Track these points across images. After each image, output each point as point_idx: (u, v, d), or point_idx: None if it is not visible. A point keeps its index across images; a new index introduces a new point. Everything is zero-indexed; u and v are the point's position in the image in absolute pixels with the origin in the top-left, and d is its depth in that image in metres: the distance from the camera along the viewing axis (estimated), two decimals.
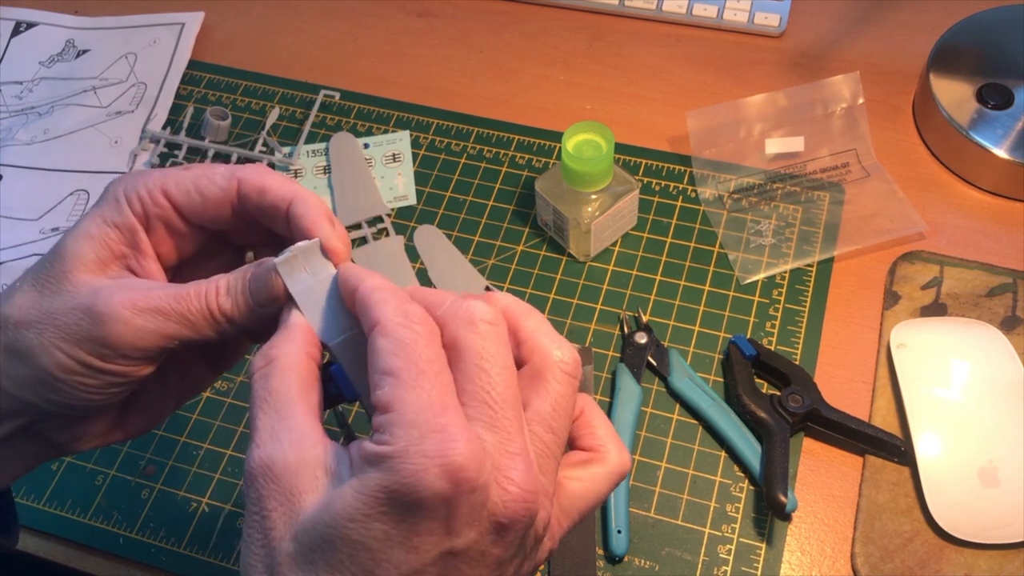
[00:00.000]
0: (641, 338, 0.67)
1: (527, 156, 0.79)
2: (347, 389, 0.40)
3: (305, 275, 0.41)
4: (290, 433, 0.36)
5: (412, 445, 0.33)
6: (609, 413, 0.64)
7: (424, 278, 0.73)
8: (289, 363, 0.38)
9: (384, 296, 0.37)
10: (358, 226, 0.76)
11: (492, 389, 0.36)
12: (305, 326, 0.40)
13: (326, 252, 0.41)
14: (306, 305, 0.40)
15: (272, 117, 0.82)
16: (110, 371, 0.41)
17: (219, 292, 0.41)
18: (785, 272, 0.71)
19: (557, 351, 0.39)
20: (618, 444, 0.41)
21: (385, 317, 0.36)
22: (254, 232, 0.45)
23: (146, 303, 0.40)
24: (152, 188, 0.42)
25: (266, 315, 0.41)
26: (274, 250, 0.42)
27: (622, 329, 0.69)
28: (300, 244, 0.40)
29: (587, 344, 0.69)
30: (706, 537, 0.60)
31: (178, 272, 0.47)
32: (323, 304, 0.41)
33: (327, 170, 0.80)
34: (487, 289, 0.72)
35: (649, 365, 0.67)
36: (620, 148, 0.78)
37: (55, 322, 0.40)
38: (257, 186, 0.42)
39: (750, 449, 0.62)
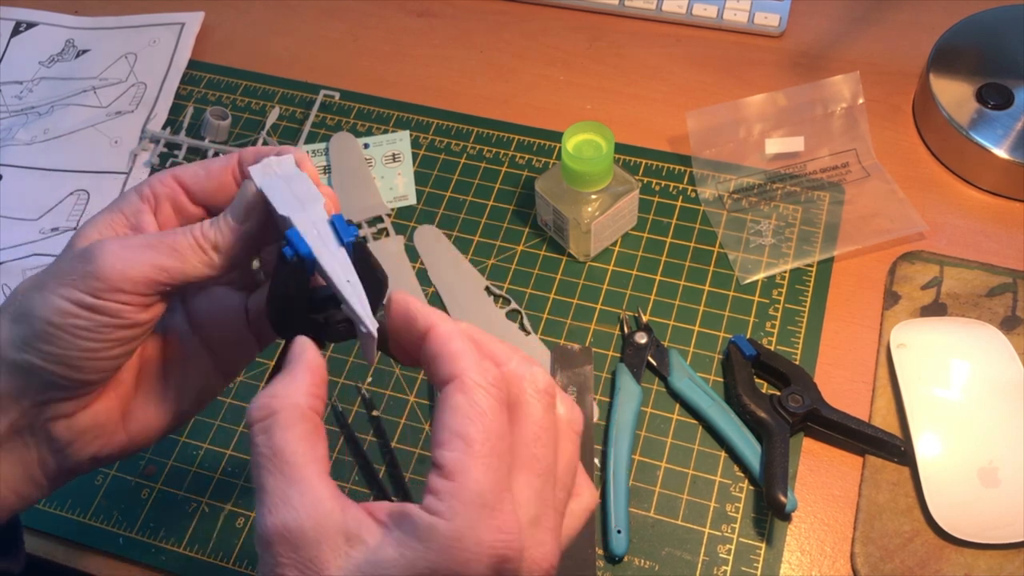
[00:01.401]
0: (641, 338, 0.67)
1: (527, 156, 0.79)
2: (303, 247, 0.41)
3: (278, 179, 0.43)
4: (303, 497, 0.35)
5: (469, 529, 0.34)
6: (609, 413, 0.65)
7: (424, 278, 0.73)
8: (292, 417, 0.37)
9: (463, 348, 0.38)
10: (358, 226, 0.76)
11: (544, 460, 0.37)
12: (311, 371, 0.39)
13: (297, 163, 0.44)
14: (277, 198, 0.42)
15: (272, 117, 0.82)
16: (104, 309, 0.41)
17: (203, 224, 0.43)
18: (785, 272, 0.71)
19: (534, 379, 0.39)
20: (588, 479, 0.42)
21: (467, 375, 0.37)
22: (263, 229, 0.45)
23: (136, 240, 0.42)
24: (163, 175, 0.45)
25: (250, 236, 0.43)
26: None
27: (622, 329, 0.69)
28: (274, 156, 0.44)
29: (587, 344, 0.69)
30: (706, 537, 0.60)
31: None
32: (295, 200, 0.42)
33: (327, 170, 0.80)
34: (486, 290, 0.72)
35: (649, 365, 0.67)
36: (620, 148, 0.78)
37: (53, 274, 0.42)
38: (253, 152, 0.45)
39: (750, 449, 0.62)
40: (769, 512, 0.60)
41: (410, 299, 0.40)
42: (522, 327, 0.70)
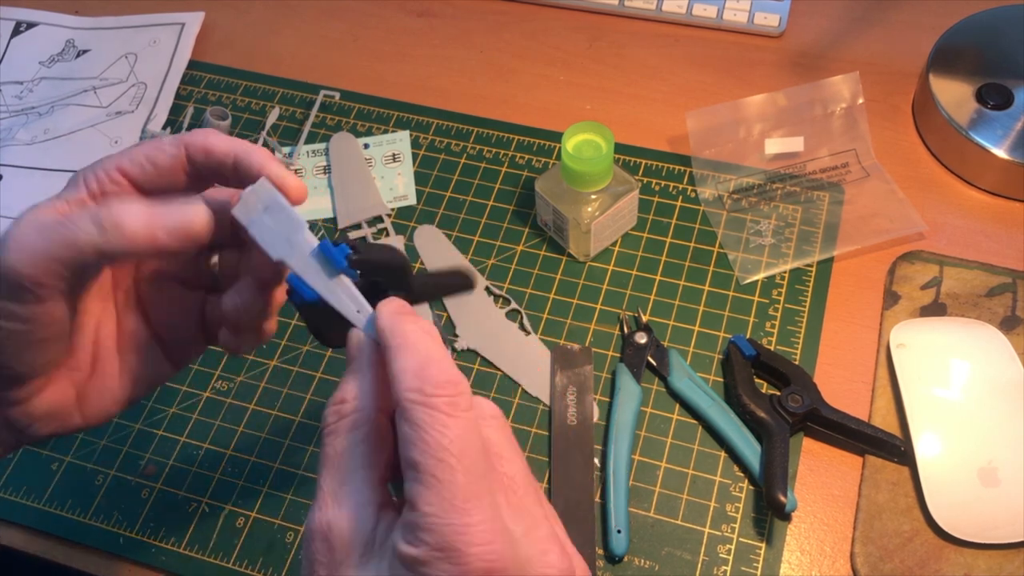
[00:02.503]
0: (641, 338, 0.67)
1: (527, 156, 0.79)
2: (307, 293, 0.42)
3: (262, 215, 0.42)
4: (349, 500, 0.37)
5: (435, 556, 0.34)
6: (609, 413, 0.65)
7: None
8: (360, 421, 0.39)
9: (404, 363, 0.37)
10: (358, 226, 0.76)
11: (517, 477, 0.37)
12: (376, 371, 0.40)
13: (280, 189, 0.42)
14: (267, 240, 0.42)
15: (272, 117, 0.82)
16: (12, 313, 0.40)
17: (120, 207, 0.41)
18: (785, 272, 0.71)
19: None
20: None
21: (404, 396, 0.36)
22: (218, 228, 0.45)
23: (41, 220, 0.41)
24: (108, 167, 0.44)
25: (191, 244, 0.43)
26: (239, 251, 0.45)
27: (622, 329, 0.69)
28: (249, 187, 0.43)
29: (587, 344, 0.69)
30: (706, 537, 0.60)
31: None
32: (282, 236, 0.42)
33: (327, 170, 0.80)
34: (486, 290, 0.72)
35: (649, 365, 0.67)
36: (620, 148, 0.78)
37: None
38: (201, 147, 0.44)
39: (750, 449, 0.62)
40: (769, 512, 0.60)
41: (386, 313, 0.40)
42: (522, 327, 0.70)
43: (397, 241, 0.75)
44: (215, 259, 0.49)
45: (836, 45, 0.85)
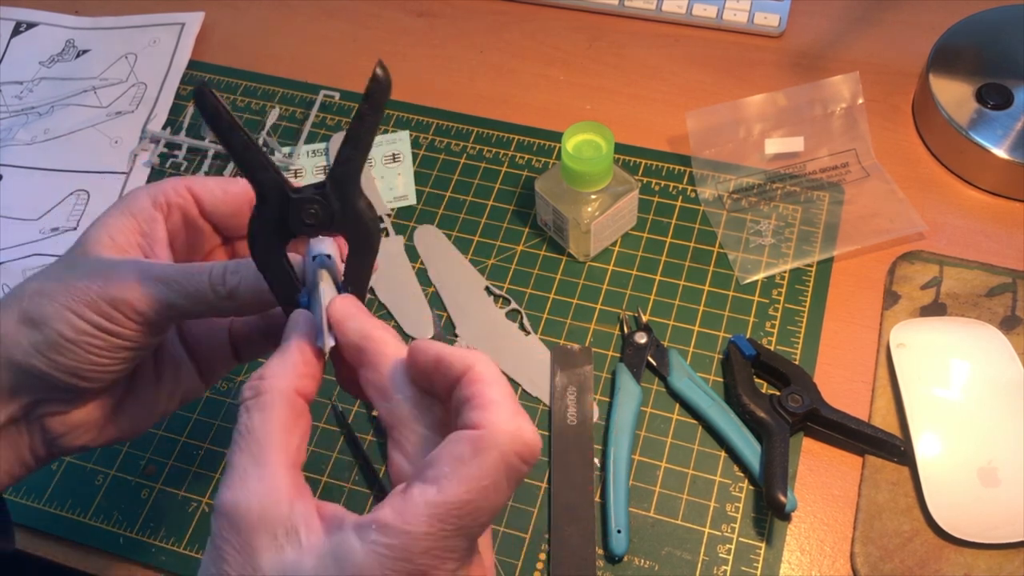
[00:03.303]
0: (641, 338, 0.67)
1: (527, 156, 0.79)
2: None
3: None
4: (260, 483, 0.36)
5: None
6: (609, 413, 0.65)
7: (424, 278, 0.73)
8: (275, 399, 0.38)
9: (500, 398, 0.36)
10: None
11: (485, 520, 0.36)
12: (301, 350, 0.39)
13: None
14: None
15: (272, 117, 0.82)
16: (119, 333, 0.42)
17: (225, 270, 0.43)
18: (785, 272, 0.71)
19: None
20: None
21: (494, 436, 0.35)
22: None
23: (154, 271, 0.42)
24: (177, 184, 0.46)
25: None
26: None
27: (622, 329, 0.69)
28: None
29: (587, 344, 0.69)
30: (706, 537, 0.60)
31: None
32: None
33: (327, 170, 0.80)
34: (486, 290, 0.72)
35: (649, 365, 0.67)
36: (620, 148, 0.78)
37: (69, 289, 0.42)
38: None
39: (750, 449, 0.62)
40: (769, 512, 0.60)
41: (435, 345, 0.38)
42: (522, 327, 0.70)
43: (397, 241, 0.75)
44: None
45: (836, 45, 0.85)
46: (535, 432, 0.36)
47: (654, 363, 0.67)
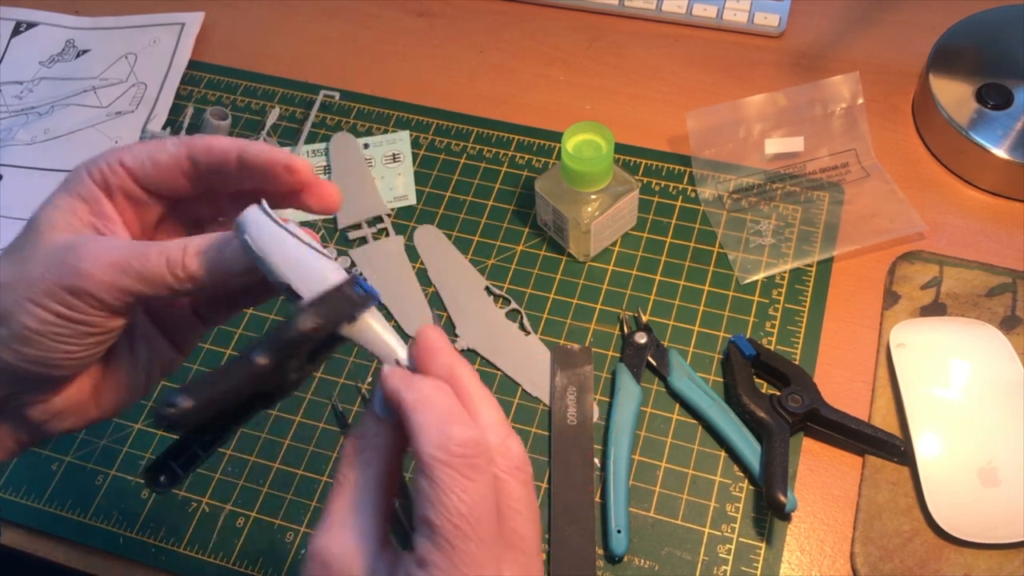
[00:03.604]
0: (641, 338, 0.67)
1: (527, 156, 0.79)
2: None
3: (273, 228, 0.41)
4: (356, 529, 0.38)
5: None
6: (609, 413, 0.65)
7: (424, 278, 0.73)
8: (380, 460, 0.39)
9: (425, 419, 0.37)
10: (358, 226, 0.76)
11: (528, 537, 0.38)
12: (402, 429, 0.39)
13: (291, 173, 0.43)
14: (284, 263, 0.40)
15: (272, 117, 0.82)
16: (85, 321, 0.42)
17: (186, 251, 0.42)
18: (785, 272, 0.71)
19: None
20: None
21: (424, 449, 0.36)
22: (215, 204, 0.47)
23: (112, 255, 0.42)
24: (111, 160, 0.44)
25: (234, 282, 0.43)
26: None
27: (622, 329, 0.69)
28: (250, 209, 0.41)
29: (587, 344, 0.69)
30: (706, 537, 0.60)
31: None
32: (297, 256, 0.40)
33: (327, 170, 0.80)
34: (486, 290, 0.72)
35: (649, 365, 0.67)
36: (620, 148, 0.78)
37: (27, 280, 0.42)
38: (204, 145, 0.44)
39: (749, 449, 0.62)
40: (769, 512, 0.60)
41: (389, 377, 0.39)
42: (522, 327, 0.70)
43: (397, 241, 0.75)
44: None
45: (836, 45, 0.85)
46: (464, 426, 0.37)
47: (654, 363, 0.67)
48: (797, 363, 0.66)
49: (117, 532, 0.63)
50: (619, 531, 0.60)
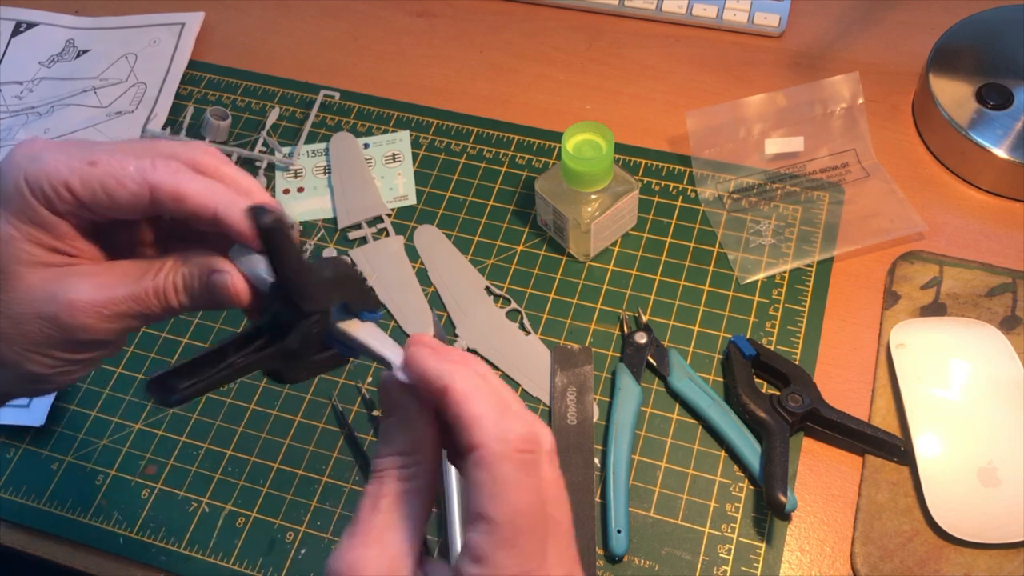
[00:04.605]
0: (641, 338, 0.67)
1: (527, 156, 0.79)
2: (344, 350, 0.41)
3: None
4: (385, 549, 0.36)
5: None
6: (609, 413, 0.65)
7: (424, 278, 0.73)
8: (424, 483, 0.38)
9: (483, 411, 0.35)
10: (358, 226, 0.76)
11: (564, 522, 0.37)
12: (428, 419, 0.38)
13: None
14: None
15: (272, 117, 0.82)
16: (84, 360, 0.43)
17: (177, 291, 0.42)
18: (785, 272, 0.71)
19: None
20: None
21: (486, 446, 0.35)
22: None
23: (108, 307, 0.41)
24: (55, 184, 0.39)
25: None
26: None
27: (622, 329, 0.69)
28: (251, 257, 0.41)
29: (587, 344, 0.69)
30: (706, 537, 0.60)
31: (105, 233, 0.44)
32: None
33: (327, 170, 0.80)
34: (486, 290, 0.72)
35: (649, 365, 0.67)
36: (620, 148, 0.78)
37: (23, 333, 0.41)
38: (172, 194, 0.40)
39: (750, 449, 0.62)
40: (769, 512, 0.60)
41: (425, 357, 0.37)
42: (522, 327, 0.70)
43: (397, 241, 0.75)
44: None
45: (836, 45, 0.85)
46: (527, 421, 0.36)
47: (654, 363, 0.67)
48: (797, 363, 0.66)
49: (117, 532, 0.63)
50: (619, 531, 0.60)
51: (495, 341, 0.69)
